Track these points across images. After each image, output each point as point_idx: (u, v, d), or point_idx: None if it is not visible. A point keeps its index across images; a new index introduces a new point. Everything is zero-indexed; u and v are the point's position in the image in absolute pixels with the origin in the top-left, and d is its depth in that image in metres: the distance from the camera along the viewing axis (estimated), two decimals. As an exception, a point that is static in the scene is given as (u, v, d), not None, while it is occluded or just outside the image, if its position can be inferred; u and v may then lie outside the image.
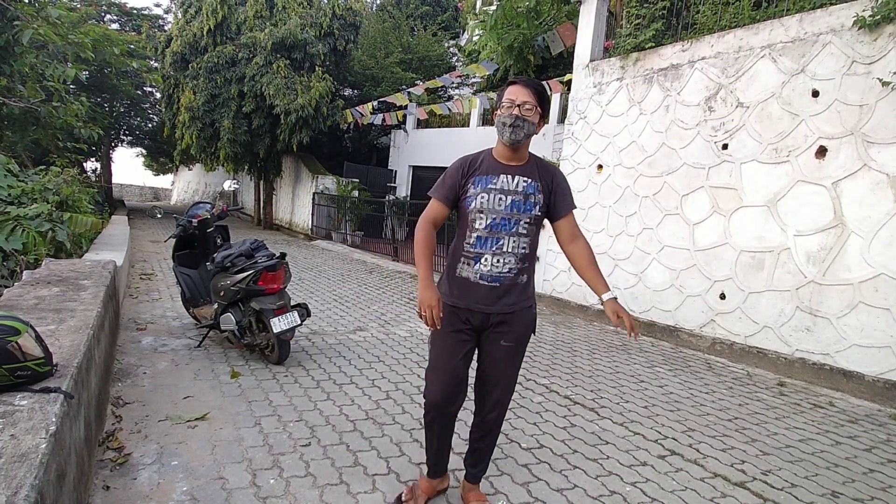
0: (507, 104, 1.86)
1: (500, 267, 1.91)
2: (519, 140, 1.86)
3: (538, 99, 1.86)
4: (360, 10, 13.67)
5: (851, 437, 3.26)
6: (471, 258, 1.93)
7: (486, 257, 1.91)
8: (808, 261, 4.40)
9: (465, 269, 1.94)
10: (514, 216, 1.90)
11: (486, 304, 1.93)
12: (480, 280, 1.92)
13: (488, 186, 1.90)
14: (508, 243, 1.90)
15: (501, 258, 1.90)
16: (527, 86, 1.87)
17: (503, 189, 1.90)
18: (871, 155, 4.09)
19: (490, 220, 1.90)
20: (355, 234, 12.67)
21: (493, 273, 1.91)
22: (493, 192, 1.90)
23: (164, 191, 38.61)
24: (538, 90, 1.87)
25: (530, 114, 1.85)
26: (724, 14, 5.27)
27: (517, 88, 1.86)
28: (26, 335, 1.62)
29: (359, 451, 2.59)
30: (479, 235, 1.91)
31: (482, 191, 1.90)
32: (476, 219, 1.91)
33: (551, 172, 1.99)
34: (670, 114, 5.56)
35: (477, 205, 1.90)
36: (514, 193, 1.90)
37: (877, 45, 4.08)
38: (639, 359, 4.70)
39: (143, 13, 19.71)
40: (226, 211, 4.67)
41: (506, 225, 1.90)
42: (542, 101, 1.87)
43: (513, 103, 1.84)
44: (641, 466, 2.68)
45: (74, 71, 7.54)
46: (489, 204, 1.89)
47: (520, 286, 1.95)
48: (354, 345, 4.43)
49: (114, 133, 20.87)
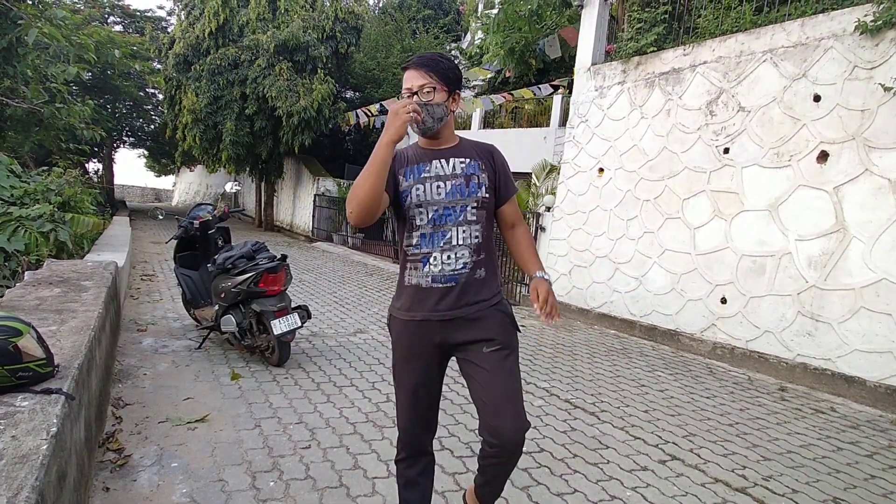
0: (404, 93, 1.63)
1: (452, 263, 1.64)
2: (431, 128, 1.62)
3: (438, 75, 1.60)
4: (363, 14, 13.71)
5: (853, 443, 3.25)
6: (418, 260, 1.66)
7: (435, 255, 1.64)
8: (810, 265, 4.40)
9: (414, 274, 1.67)
10: (458, 203, 1.65)
11: (443, 309, 1.64)
12: (433, 283, 1.64)
13: (422, 176, 1.65)
14: (457, 235, 1.64)
15: (452, 253, 1.64)
16: (419, 66, 1.61)
17: (439, 175, 1.65)
18: (872, 160, 4.09)
19: (432, 212, 1.64)
20: (356, 237, 12.67)
21: (445, 272, 1.64)
22: (429, 180, 1.65)
23: (165, 192, 38.70)
24: (434, 66, 1.61)
25: (431, 95, 1.59)
26: (726, 19, 5.28)
27: (410, 73, 1.62)
28: (28, 336, 1.62)
29: (359, 454, 2.59)
30: (423, 233, 1.65)
31: (416, 182, 1.65)
32: (416, 215, 1.65)
33: (489, 150, 1.76)
34: (672, 118, 5.56)
35: (413, 199, 1.64)
36: (452, 178, 1.66)
37: (878, 50, 4.08)
38: (639, 363, 4.69)
39: (146, 15, 19.80)
40: (227, 213, 4.68)
41: (451, 214, 1.64)
42: (444, 77, 1.61)
43: (410, 92, 1.61)
44: (642, 471, 2.68)
45: (76, 69, 7.57)
46: (427, 195, 1.64)
47: (478, 282, 1.67)
48: (355, 347, 4.43)
49: (116, 134, 20.92)
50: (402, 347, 1.73)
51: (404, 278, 1.71)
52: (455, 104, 1.67)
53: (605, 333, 5.80)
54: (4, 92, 7.07)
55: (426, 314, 1.65)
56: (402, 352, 1.73)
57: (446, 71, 1.62)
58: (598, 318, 6.15)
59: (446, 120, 1.65)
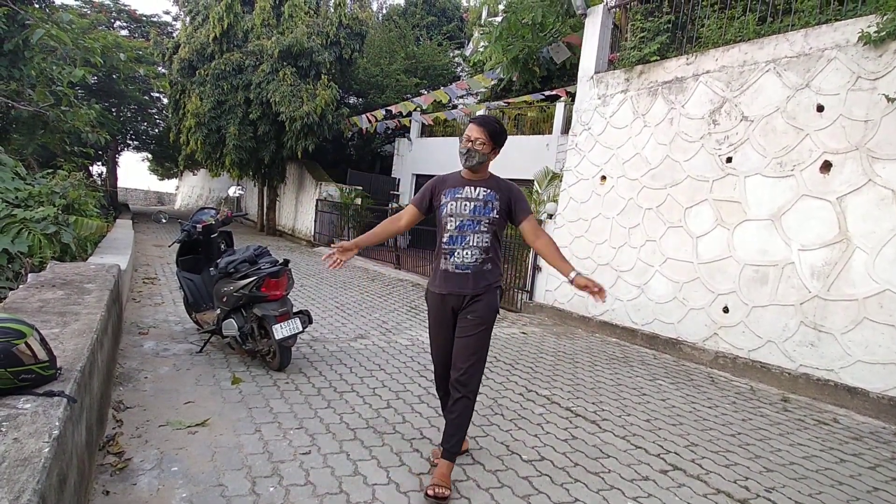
0: (465, 139, 2.38)
1: (468, 258, 2.41)
2: (472, 165, 2.39)
3: (489, 135, 2.36)
4: (367, 20, 13.79)
5: (856, 455, 3.23)
6: (447, 253, 2.44)
7: (457, 251, 2.41)
8: (813, 275, 4.39)
9: (445, 262, 2.45)
10: (476, 218, 2.40)
11: (460, 288, 2.41)
12: (455, 269, 2.42)
13: (456, 196, 2.44)
14: (473, 239, 2.40)
15: (469, 251, 2.40)
16: (480, 125, 2.38)
17: (467, 197, 2.42)
18: (876, 170, 4.09)
19: (458, 221, 2.41)
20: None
21: (464, 262, 2.41)
22: (460, 199, 2.42)
23: (168, 195, 38.81)
24: (489, 128, 2.37)
25: (480, 146, 2.36)
26: (729, 28, 5.30)
27: (472, 127, 2.39)
28: (31, 338, 1.62)
29: (359, 460, 2.58)
30: (451, 235, 2.42)
31: (451, 199, 2.44)
32: (447, 222, 2.43)
33: (508, 187, 2.48)
34: (674, 126, 5.58)
35: (448, 210, 2.43)
36: (475, 200, 2.41)
37: (882, 61, 4.09)
38: (641, 371, 4.67)
39: (151, 20, 19.94)
40: (230, 217, 4.69)
41: (471, 225, 2.41)
42: (493, 136, 2.37)
43: (468, 139, 2.36)
44: (643, 481, 2.66)
45: (82, 72, 7.62)
46: (456, 209, 2.42)
47: (485, 272, 2.43)
48: (356, 353, 4.42)
49: (120, 138, 21.03)
50: (434, 311, 2.53)
51: (439, 264, 2.48)
52: (494, 154, 2.44)
53: (606, 341, 5.79)
54: (10, 94, 7.12)
55: (450, 289, 2.44)
56: (435, 314, 2.53)
57: (496, 134, 2.40)
58: (600, 325, 6.14)
59: (485, 162, 2.41)
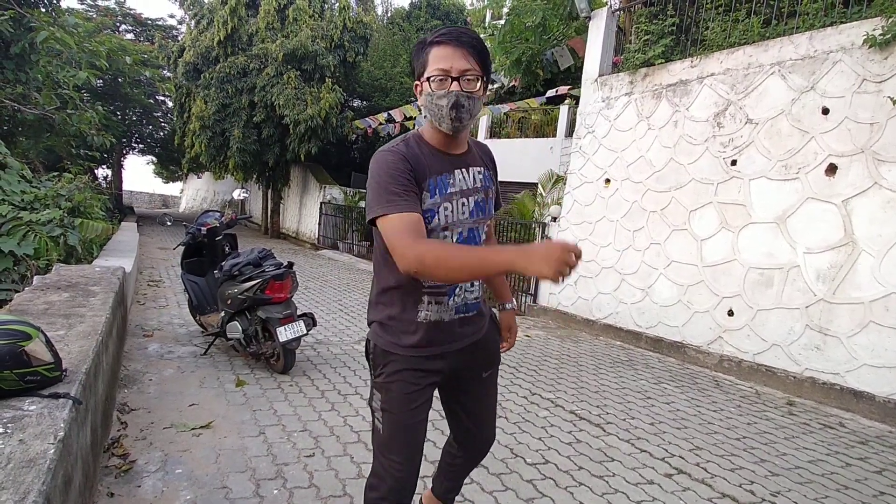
0: (438, 75, 1.26)
1: (474, 291, 1.46)
2: (465, 126, 1.32)
3: (481, 62, 1.28)
4: (371, 23, 13.85)
5: (862, 459, 3.21)
6: (441, 294, 1.40)
7: (461, 285, 1.42)
8: (818, 279, 4.37)
9: (435, 310, 1.41)
10: (479, 222, 1.42)
11: (461, 339, 1.47)
12: (457, 314, 1.44)
13: (448, 192, 1.35)
14: None
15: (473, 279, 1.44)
16: (462, 44, 1.26)
17: (463, 190, 1.38)
18: (881, 173, 4.07)
19: (457, 236, 1.38)
20: (361, 244, 12.70)
21: (468, 300, 1.45)
22: (455, 197, 1.37)
23: (173, 198, 38.99)
24: (479, 49, 1.28)
25: (474, 86, 1.27)
26: (734, 31, 5.29)
27: (449, 50, 1.25)
28: (37, 340, 1.63)
29: (363, 463, 2.57)
30: None
31: (443, 199, 1.35)
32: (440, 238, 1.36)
33: (488, 151, 1.52)
34: (679, 129, 5.57)
35: (441, 220, 1.35)
36: (474, 192, 1.40)
37: (887, 64, 4.08)
38: (645, 374, 4.65)
39: (157, 24, 20.09)
40: (235, 219, 4.70)
41: (474, 236, 1.42)
42: (484, 64, 1.30)
43: (446, 74, 1.25)
44: (648, 485, 2.65)
45: (86, 74, 7.68)
46: (454, 215, 1.37)
47: (483, 301, 1.55)
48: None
49: (126, 141, 21.16)
50: (406, 385, 1.42)
51: (417, 315, 1.40)
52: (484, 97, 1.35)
53: (610, 345, 5.77)
54: (17, 98, 7.17)
55: (446, 347, 1.45)
56: (407, 389, 1.42)
57: (486, 57, 1.30)
58: (604, 329, 6.12)
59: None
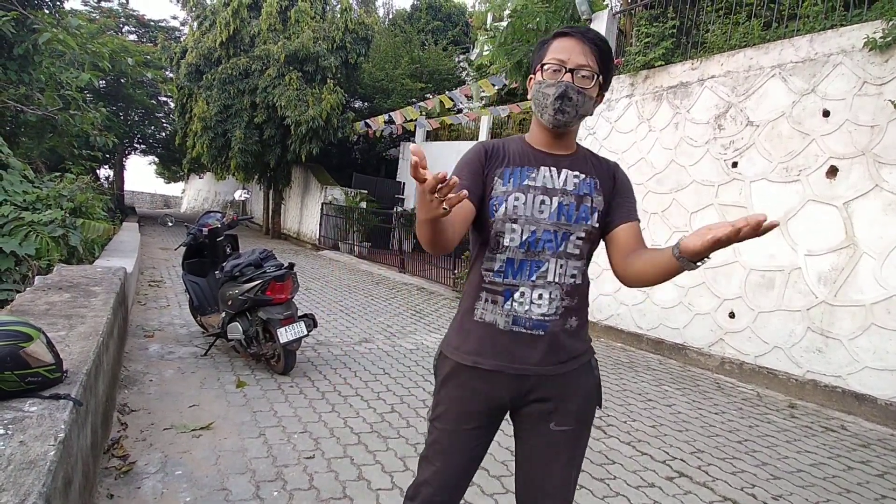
0: (553, 65, 1.23)
1: (542, 305, 1.26)
2: (569, 122, 1.25)
3: (601, 62, 1.24)
4: (372, 25, 13.88)
5: (863, 462, 3.20)
6: (498, 293, 1.28)
7: (523, 291, 1.26)
8: (820, 281, 4.36)
9: (490, 310, 1.29)
10: (562, 227, 1.27)
11: (523, 362, 1.27)
12: (514, 326, 1.27)
13: (524, 183, 1.27)
14: (554, 269, 1.27)
15: (545, 291, 1.26)
16: (585, 40, 1.22)
17: (546, 188, 1.28)
18: (882, 175, 4.06)
19: (528, 234, 1.26)
20: (362, 245, 12.71)
21: (532, 315, 1.26)
22: (532, 190, 1.27)
23: (174, 199, 39.04)
24: (600, 48, 1.24)
25: (588, 84, 1.22)
26: (734, 33, 5.29)
27: (571, 43, 1.22)
28: (38, 341, 1.63)
29: (363, 465, 2.57)
30: (511, 258, 1.27)
31: (516, 189, 1.27)
32: (506, 232, 1.27)
33: (611, 168, 1.37)
34: (679, 131, 5.57)
35: (508, 210, 1.26)
36: (561, 194, 1.28)
37: (888, 67, 4.07)
38: (646, 377, 4.65)
39: (159, 25, 20.14)
40: (236, 220, 4.71)
41: (551, 241, 1.27)
42: (606, 66, 1.26)
43: (562, 65, 1.22)
44: (649, 488, 2.64)
45: (88, 76, 7.70)
46: (526, 209, 1.26)
47: (568, 333, 1.30)
48: (360, 356, 4.42)
49: (128, 141, 21.21)
50: (454, 400, 1.33)
51: (473, 311, 1.32)
52: (597, 103, 1.30)
53: (611, 346, 5.76)
54: (20, 98, 7.19)
55: (500, 364, 1.28)
56: (454, 405, 1.33)
57: (608, 60, 1.26)
58: (605, 330, 6.11)
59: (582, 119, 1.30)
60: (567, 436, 1.31)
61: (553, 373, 1.29)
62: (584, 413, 1.33)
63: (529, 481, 1.34)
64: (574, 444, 1.33)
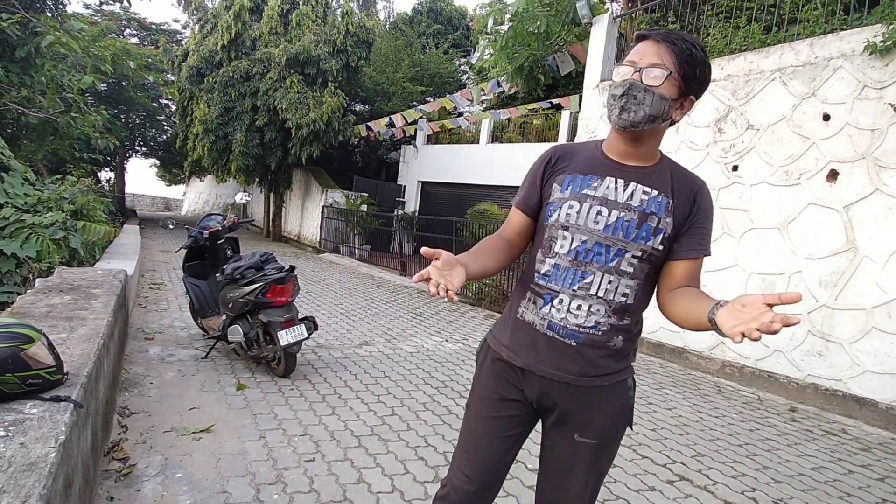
0: (626, 65, 1.21)
1: (580, 316, 1.25)
2: (636, 123, 1.18)
3: (678, 61, 1.17)
4: (373, 28, 13.91)
5: (864, 466, 3.19)
6: (540, 295, 1.30)
7: (562, 298, 1.26)
8: (820, 284, 4.36)
9: (531, 310, 1.31)
10: (616, 243, 1.23)
11: (547, 365, 1.28)
12: (548, 330, 1.27)
13: (583, 192, 1.26)
14: (600, 283, 1.24)
15: (585, 304, 1.25)
16: (660, 40, 1.18)
17: (606, 199, 1.24)
18: (883, 179, 4.07)
19: (578, 242, 1.25)
20: (363, 248, 12.71)
21: (568, 323, 1.26)
22: (590, 200, 1.25)
23: (175, 201, 39.07)
24: (681, 46, 1.17)
25: (657, 82, 1.16)
26: (734, 37, 5.31)
27: (644, 45, 1.20)
28: (39, 343, 1.63)
29: (363, 468, 2.57)
30: (558, 263, 1.27)
31: (572, 196, 1.26)
32: (557, 237, 1.27)
33: (695, 189, 1.28)
34: (680, 134, 5.57)
35: (561, 217, 1.26)
36: (623, 209, 1.23)
37: (888, 71, 4.08)
38: (647, 380, 4.64)
39: (161, 28, 20.20)
40: (237, 223, 4.71)
41: (601, 254, 1.24)
42: (687, 66, 1.18)
43: (634, 66, 1.19)
44: (649, 491, 2.64)
45: (91, 79, 7.73)
46: (580, 218, 1.25)
47: (609, 352, 1.28)
48: (360, 359, 4.42)
49: (129, 144, 21.24)
50: (487, 388, 1.38)
51: (518, 308, 1.35)
52: (681, 113, 1.24)
53: (611, 350, 5.75)
54: (21, 101, 7.22)
55: (530, 364, 1.30)
56: (487, 393, 1.38)
57: (694, 62, 1.18)
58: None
59: (659, 124, 1.21)
60: (590, 448, 1.31)
61: (579, 384, 1.28)
62: (609, 430, 1.32)
63: (549, 486, 1.36)
64: (596, 457, 1.32)
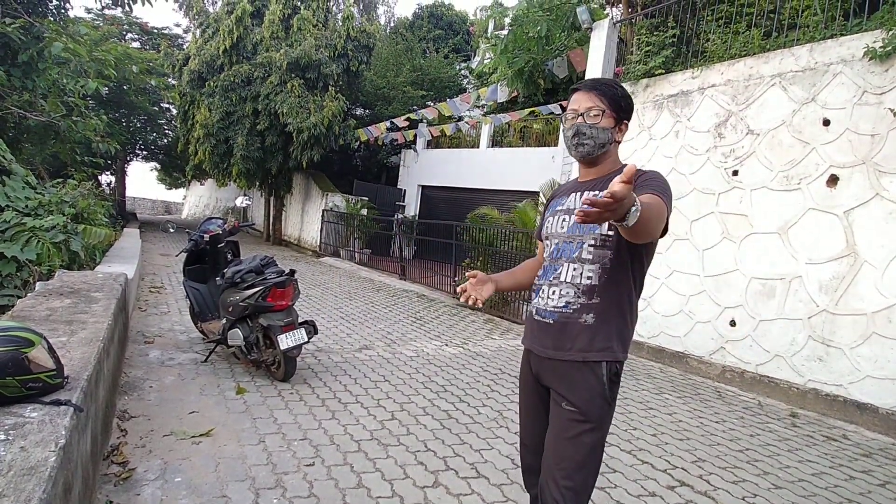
0: (570, 116, 1.59)
1: (553, 299, 1.59)
2: (590, 152, 1.57)
3: (608, 101, 1.55)
4: (374, 33, 13.96)
5: (865, 472, 3.18)
6: (534, 290, 1.69)
7: (544, 288, 1.63)
8: (821, 289, 4.35)
9: (532, 303, 1.69)
10: (575, 238, 1.57)
11: (539, 345, 1.63)
12: (537, 315, 1.64)
13: (557, 209, 1.67)
14: (566, 271, 1.57)
15: (557, 289, 1.58)
16: (589, 89, 1.57)
17: (568, 209, 1.62)
18: (883, 184, 4.07)
19: (553, 245, 1.64)
20: (363, 252, 12.71)
21: (547, 307, 1.60)
22: (559, 213, 1.65)
23: (175, 205, 39.11)
24: (605, 90, 1.56)
25: (597, 119, 1.54)
26: (734, 43, 5.32)
27: (578, 95, 1.59)
28: (39, 347, 1.63)
29: (363, 473, 2.56)
30: (546, 265, 1.66)
31: (549, 215, 1.69)
32: (546, 247, 1.69)
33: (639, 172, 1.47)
34: (680, 139, 5.59)
35: (544, 230, 1.70)
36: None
37: (888, 76, 4.09)
38: (647, 385, 4.63)
39: (163, 32, 20.26)
40: (237, 227, 4.72)
41: (566, 249, 1.59)
42: (614, 102, 1.56)
43: (576, 113, 1.57)
44: (650, 497, 2.63)
45: (96, 84, 7.75)
46: (552, 227, 1.65)
47: (580, 328, 1.53)
48: (360, 363, 4.41)
49: (129, 148, 21.27)
50: (521, 374, 1.78)
51: (531, 302, 1.70)
52: (621, 134, 1.60)
53: (612, 354, 5.74)
54: (23, 105, 7.24)
55: (531, 345, 1.68)
56: (521, 377, 1.78)
57: (618, 98, 1.57)
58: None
59: (608, 149, 1.58)
60: (573, 415, 1.52)
61: (556, 357, 1.57)
62: (583, 403, 1.51)
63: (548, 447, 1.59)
64: (573, 425, 1.51)
